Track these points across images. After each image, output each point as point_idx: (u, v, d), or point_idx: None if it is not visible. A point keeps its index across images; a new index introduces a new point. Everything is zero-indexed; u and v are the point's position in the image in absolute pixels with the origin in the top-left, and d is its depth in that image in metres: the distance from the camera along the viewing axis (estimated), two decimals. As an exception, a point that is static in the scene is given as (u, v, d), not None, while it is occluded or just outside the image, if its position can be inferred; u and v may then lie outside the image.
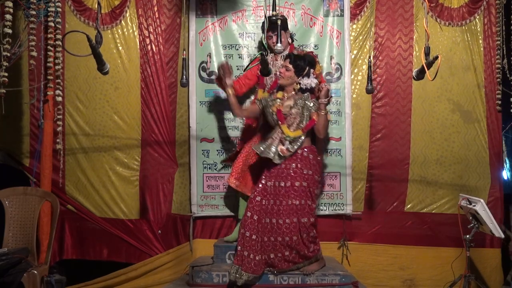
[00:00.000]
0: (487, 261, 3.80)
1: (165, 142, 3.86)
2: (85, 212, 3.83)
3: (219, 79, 3.38)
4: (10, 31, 2.79)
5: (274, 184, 3.11)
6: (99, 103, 3.84)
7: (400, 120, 3.91)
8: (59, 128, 3.64)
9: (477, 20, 3.91)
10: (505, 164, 4.14)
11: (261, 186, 3.14)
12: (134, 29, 3.87)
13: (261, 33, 3.67)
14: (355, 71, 3.90)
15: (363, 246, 3.83)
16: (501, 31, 3.71)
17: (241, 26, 3.84)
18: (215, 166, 3.79)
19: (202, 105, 3.80)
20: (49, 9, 3.46)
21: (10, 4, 2.80)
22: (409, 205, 3.90)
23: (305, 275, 3.10)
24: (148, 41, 3.85)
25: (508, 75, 3.63)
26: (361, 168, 3.87)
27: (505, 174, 4.14)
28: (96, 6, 2.42)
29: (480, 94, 3.90)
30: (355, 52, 3.89)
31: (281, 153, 3.07)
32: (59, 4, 3.55)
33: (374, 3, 3.90)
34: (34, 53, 3.19)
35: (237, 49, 3.83)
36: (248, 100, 3.72)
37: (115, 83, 3.85)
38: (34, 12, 3.28)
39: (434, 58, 2.53)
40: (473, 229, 3.06)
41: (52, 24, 3.49)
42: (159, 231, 3.84)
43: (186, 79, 3.07)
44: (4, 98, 2.82)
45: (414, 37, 3.91)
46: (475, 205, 3.01)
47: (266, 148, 3.11)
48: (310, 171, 3.09)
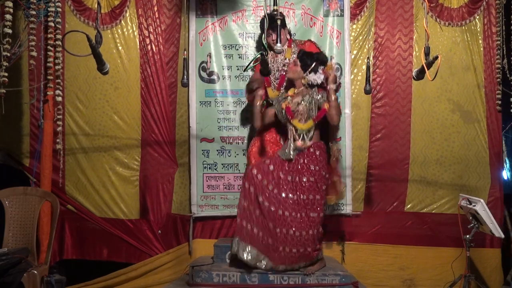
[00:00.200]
0: (487, 261, 3.80)
1: (165, 142, 3.86)
2: (85, 212, 3.83)
3: (249, 92, 3.38)
4: (10, 31, 2.80)
5: (278, 175, 3.12)
6: (99, 103, 3.84)
7: (400, 120, 3.91)
8: (59, 128, 3.64)
9: (477, 20, 3.91)
10: (505, 164, 4.15)
11: (264, 168, 3.13)
12: (134, 29, 3.87)
13: (260, 32, 3.67)
14: (355, 71, 3.91)
15: (363, 246, 3.84)
16: (501, 31, 3.71)
17: (241, 26, 3.84)
18: (215, 166, 3.79)
19: (202, 105, 3.80)
20: (49, 9, 3.47)
21: (10, 4, 2.81)
22: (409, 205, 3.90)
23: (305, 275, 3.10)
24: (148, 41, 3.85)
25: (508, 75, 3.64)
26: (361, 168, 3.87)
27: (505, 174, 4.15)
28: (96, 6, 2.41)
29: (480, 94, 3.90)
30: (355, 52, 3.90)
31: (298, 147, 3.10)
32: (59, 4, 3.56)
33: (374, 3, 3.90)
34: (34, 53, 3.20)
35: (237, 49, 3.83)
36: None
37: (115, 83, 3.85)
38: (34, 12, 3.29)
39: (434, 58, 2.53)
40: (473, 229, 3.07)
41: (52, 24, 3.49)
42: (159, 231, 3.84)
43: (187, 79, 3.07)
44: (4, 98, 2.83)
45: (414, 37, 3.91)
46: (475, 205, 3.01)
47: (285, 150, 3.17)
48: (317, 167, 3.11)
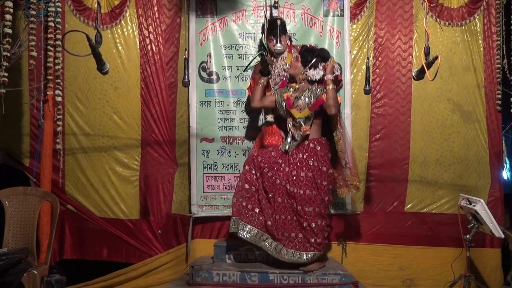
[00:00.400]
0: (487, 261, 3.80)
1: (165, 142, 3.86)
2: (85, 212, 3.83)
3: (253, 78, 3.48)
4: (10, 31, 2.80)
5: (278, 162, 3.14)
6: (99, 103, 3.84)
7: (400, 120, 3.91)
8: (59, 128, 3.65)
9: (477, 20, 3.91)
10: (505, 164, 4.15)
11: (266, 152, 3.19)
12: (134, 29, 3.87)
13: (261, 34, 3.67)
14: (355, 71, 3.90)
15: (363, 246, 3.84)
16: (501, 31, 3.72)
17: (241, 26, 3.84)
18: (215, 166, 3.79)
19: (202, 105, 3.80)
20: (49, 9, 3.47)
21: (10, 4, 2.81)
22: (409, 205, 3.90)
23: (305, 273, 3.09)
24: (148, 41, 3.85)
25: (508, 75, 3.64)
26: (361, 168, 3.86)
27: (505, 174, 4.15)
28: (96, 6, 2.41)
29: (480, 94, 3.90)
30: (355, 52, 3.90)
31: (296, 134, 3.13)
32: (59, 4, 3.57)
33: (374, 3, 3.90)
34: (34, 53, 3.20)
35: (237, 49, 3.83)
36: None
37: (115, 83, 3.85)
38: (34, 12, 3.30)
39: (434, 58, 2.53)
40: (473, 229, 3.07)
41: (52, 24, 3.50)
42: (159, 231, 3.84)
43: (188, 79, 3.07)
44: (4, 98, 2.83)
45: (414, 37, 3.91)
46: (475, 205, 3.01)
47: (285, 144, 3.20)
48: (316, 162, 3.11)
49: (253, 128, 3.79)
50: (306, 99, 3.16)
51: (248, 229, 3.09)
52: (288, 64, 3.39)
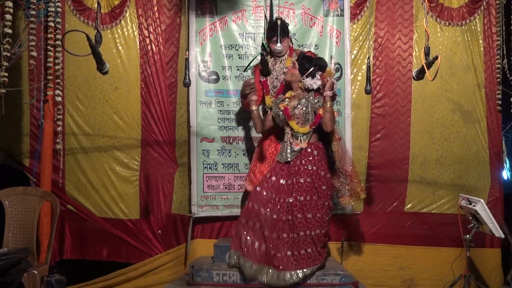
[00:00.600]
0: (487, 261, 3.80)
1: (165, 142, 3.86)
2: (85, 212, 3.83)
3: (244, 97, 3.40)
4: (10, 31, 2.80)
5: (279, 181, 3.10)
6: (99, 103, 3.84)
7: (400, 120, 3.91)
8: (59, 128, 3.65)
9: (477, 20, 3.91)
10: (505, 164, 4.15)
11: (266, 181, 3.14)
12: (134, 29, 3.87)
13: (262, 34, 3.66)
14: (355, 71, 3.90)
15: (363, 246, 3.83)
16: (501, 31, 3.72)
17: (241, 26, 3.83)
18: (215, 166, 3.78)
19: (202, 105, 3.79)
20: (49, 9, 3.47)
21: (10, 4, 2.81)
22: (409, 205, 3.90)
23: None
24: (148, 41, 3.85)
25: (508, 75, 3.64)
26: (361, 168, 3.86)
27: (505, 174, 4.15)
28: (96, 6, 2.41)
29: (480, 94, 3.90)
30: (355, 52, 3.90)
31: (295, 148, 3.09)
32: (59, 4, 3.56)
33: (374, 3, 3.90)
34: (34, 53, 3.20)
35: (237, 49, 3.83)
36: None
37: (115, 83, 3.85)
38: (34, 12, 3.30)
39: (434, 58, 2.53)
40: (473, 229, 3.07)
41: (52, 24, 3.50)
42: (159, 231, 3.84)
43: (189, 79, 3.07)
44: (4, 98, 2.83)
45: (414, 37, 3.91)
46: (475, 205, 3.01)
47: (282, 153, 3.16)
48: (314, 167, 3.08)
49: (253, 128, 3.78)
50: (304, 108, 3.11)
51: (249, 265, 3.00)
52: (286, 67, 3.35)
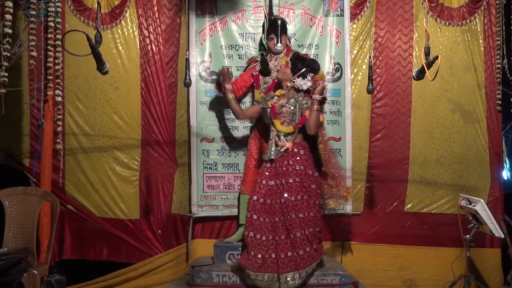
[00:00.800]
0: (487, 261, 3.81)
1: (165, 142, 3.86)
2: (85, 212, 3.83)
3: (219, 84, 3.44)
4: (10, 31, 2.80)
5: (268, 183, 3.12)
6: (99, 103, 3.84)
7: (400, 120, 3.91)
8: (59, 128, 3.65)
9: (477, 20, 3.91)
10: (505, 164, 4.14)
11: (258, 186, 3.15)
12: (134, 29, 3.87)
13: (261, 33, 3.66)
14: (355, 71, 3.90)
15: (363, 246, 3.83)
16: (501, 31, 3.72)
17: (241, 27, 3.83)
18: (215, 166, 3.78)
19: (202, 105, 3.79)
20: (49, 9, 3.47)
21: (10, 4, 2.81)
22: (409, 205, 3.90)
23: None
24: (148, 41, 3.85)
25: (508, 75, 3.64)
26: (361, 168, 3.87)
27: (505, 174, 4.14)
28: (96, 6, 2.41)
29: (480, 94, 3.90)
30: (355, 52, 3.89)
31: (279, 147, 3.10)
32: (59, 4, 3.56)
33: (374, 3, 3.90)
34: (34, 53, 3.20)
35: (237, 50, 3.82)
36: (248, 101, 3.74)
37: (115, 83, 3.85)
38: (34, 12, 3.29)
39: (434, 58, 2.53)
40: (473, 229, 3.06)
41: (52, 24, 3.50)
42: (159, 231, 3.84)
43: (190, 79, 3.07)
44: (4, 98, 2.83)
45: (414, 37, 3.91)
46: (475, 205, 3.01)
47: (267, 152, 3.19)
48: (302, 166, 3.09)
49: (253, 128, 3.78)
50: (292, 108, 3.12)
51: (260, 278, 2.99)
52: (280, 65, 3.37)
